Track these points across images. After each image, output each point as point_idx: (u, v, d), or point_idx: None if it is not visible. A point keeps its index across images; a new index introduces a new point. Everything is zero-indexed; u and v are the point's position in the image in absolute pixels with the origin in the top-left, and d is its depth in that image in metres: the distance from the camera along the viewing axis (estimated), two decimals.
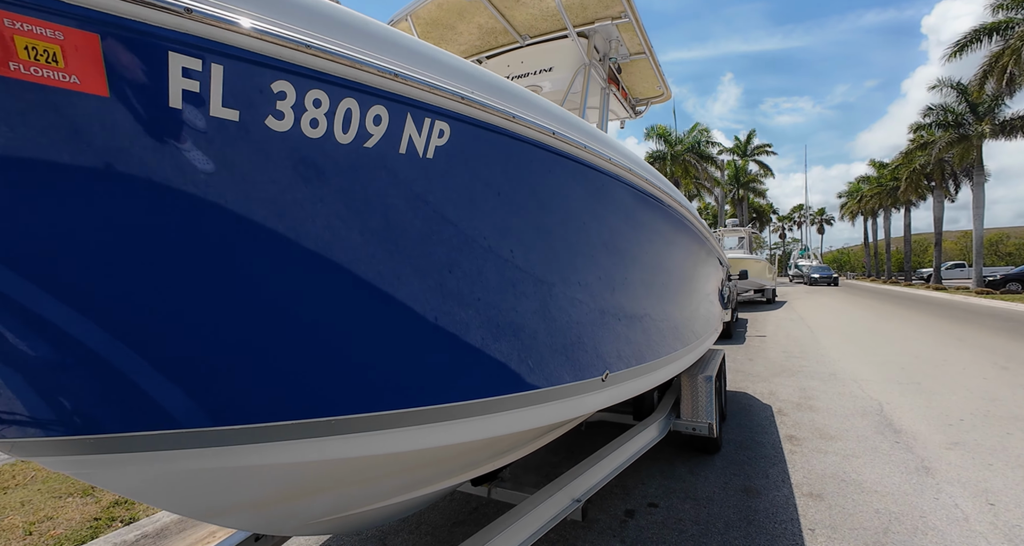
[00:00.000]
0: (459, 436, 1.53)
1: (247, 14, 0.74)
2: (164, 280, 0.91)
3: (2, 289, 0.84)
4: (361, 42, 0.89)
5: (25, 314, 0.88)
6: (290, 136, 0.83)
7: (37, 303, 0.88)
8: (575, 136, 1.37)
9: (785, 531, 2.61)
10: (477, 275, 1.32)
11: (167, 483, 1.18)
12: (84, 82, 0.65)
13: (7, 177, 0.67)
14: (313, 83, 0.81)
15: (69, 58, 0.63)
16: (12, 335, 0.88)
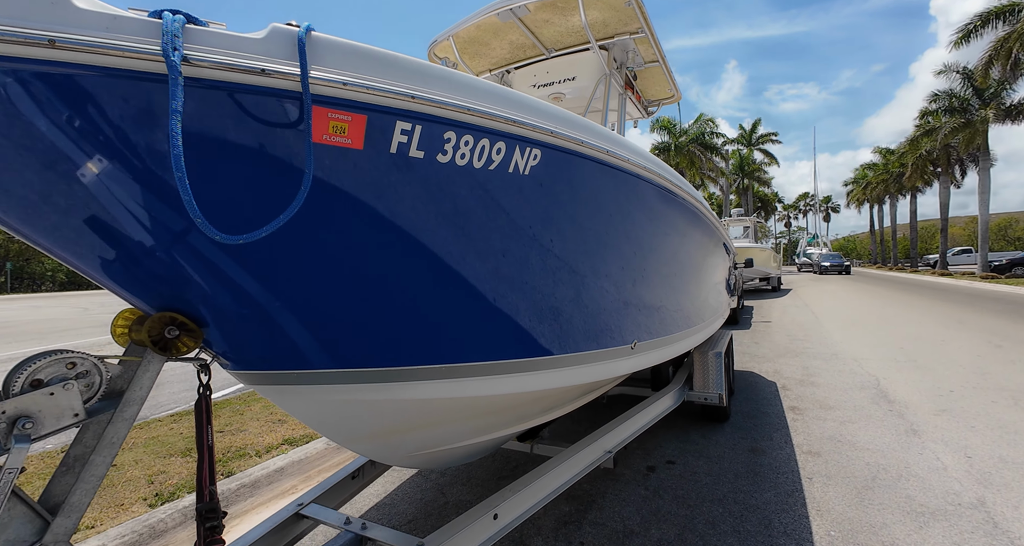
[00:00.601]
0: (524, 386, 1.95)
1: (436, 94, 1.16)
2: (375, 272, 1.34)
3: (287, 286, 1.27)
4: (494, 101, 1.30)
5: (284, 303, 1.31)
6: (449, 165, 1.26)
7: (300, 297, 1.31)
8: (622, 151, 1.79)
9: (786, 480, 3.02)
10: (541, 260, 1.73)
11: (328, 412, 1.61)
12: (353, 142, 1.07)
13: (324, 206, 1.12)
14: (466, 131, 1.22)
15: (350, 130, 1.05)
16: (262, 314, 1.31)
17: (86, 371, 1.15)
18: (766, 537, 2.41)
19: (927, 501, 2.69)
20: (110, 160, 0.95)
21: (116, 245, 1.10)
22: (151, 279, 1.19)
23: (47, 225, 1.04)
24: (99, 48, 0.83)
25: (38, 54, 0.81)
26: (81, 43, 0.82)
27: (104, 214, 1.03)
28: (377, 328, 1.52)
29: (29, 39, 0.79)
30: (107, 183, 0.98)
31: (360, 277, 1.35)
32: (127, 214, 1.03)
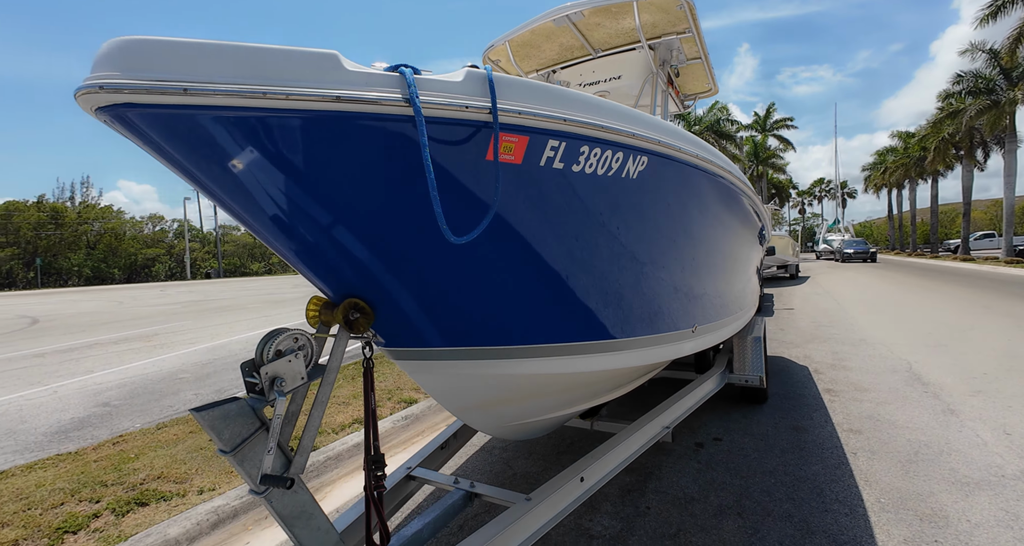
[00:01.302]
0: (608, 364, 2.17)
1: (580, 116, 1.37)
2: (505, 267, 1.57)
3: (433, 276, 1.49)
4: (619, 119, 1.49)
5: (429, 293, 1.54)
6: (580, 173, 1.47)
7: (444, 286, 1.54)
8: (708, 155, 2.00)
9: (831, 455, 3.22)
10: (637, 254, 1.94)
11: (450, 384, 1.85)
12: (515, 158, 1.28)
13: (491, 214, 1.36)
14: (597, 144, 1.43)
15: (515, 148, 1.26)
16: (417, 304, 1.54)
17: (303, 345, 1.39)
18: (819, 503, 2.62)
19: (971, 473, 2.88)
20: (363, 186, 1.18)
21: (336, 250, 1.32)
22: (347, 276, 1.42)
23: (298, 239, 1.28)
24: (365, 101, 1.05)
25: (329, 107, 1.03)
26: (355, 98, 1.04)
27: (340, 230, 1.26)
28: (497, 315, 1.74)
29: (322, 97, 1.01)
30: (355, 205, 1.21)
31: (497, 273, 1.56)
32: (358, 229, 1.26)
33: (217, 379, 5.89)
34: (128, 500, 2.65)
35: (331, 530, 1.48)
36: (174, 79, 0.93)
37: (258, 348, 1.31)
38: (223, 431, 1.22)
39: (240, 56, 0.98)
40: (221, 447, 1.24)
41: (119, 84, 0.91)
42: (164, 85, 0.92)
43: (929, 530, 2.34)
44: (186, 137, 1.01)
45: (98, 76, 0.93)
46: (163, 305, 17.02)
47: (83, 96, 0.95)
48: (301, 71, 1.02)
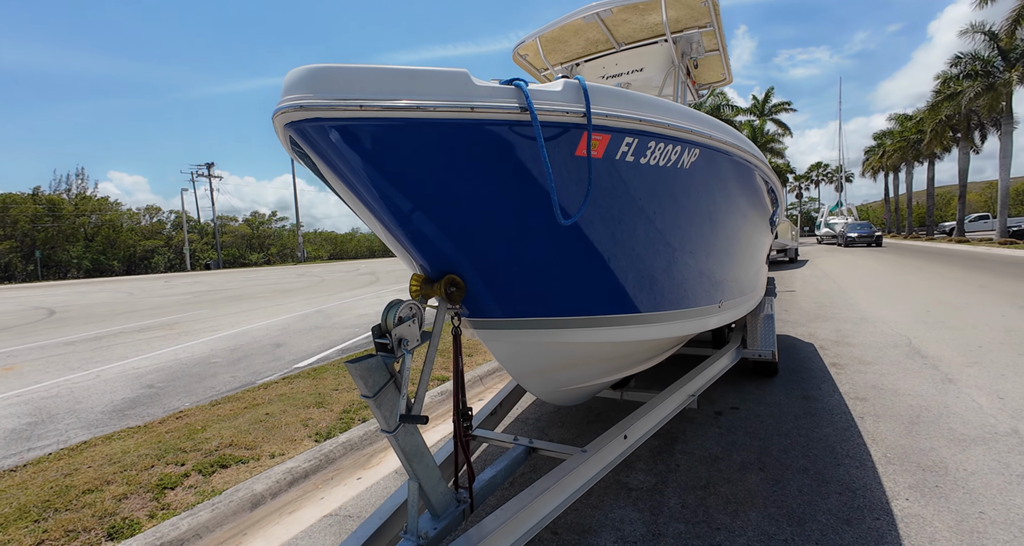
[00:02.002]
0: (647, 334, 2.43)
1: (651, 116, 1.60)
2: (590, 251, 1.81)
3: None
4: (679, 117, 1.72)
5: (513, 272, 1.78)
6: (646, 165, 1.70)
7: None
8: (746, 146, 2.23)
9: (840, 419, 3.53)
10: (683, 234, 2.19)
11: (516, 351, 2.11)
12: (598, 154, 1.52)
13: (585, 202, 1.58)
14: (661, 140, 1.67)
15: (598, 145, 1.49)
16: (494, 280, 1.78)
17: (415, 313, 1.64)
18: (832, 459, 2.93)
19: (967, 432, 3.19)
20: (483, 179, 1.41)
21: (447, 234, 1.56)
22: (450, 256, 1.66)
23: (417, 226, 1.52)
24: (493, 109, 1.29)
25: (464, 115, 1.26)
26: (489, 107, 1.27)
27: (456, 216, 1.50)
28: (561, 289, 1.99)
29: (461, 108, 1.24)
30: (472, 195, 1.45)
31: (570, 252, 1.81)
32: (471, 215, 1.50)
33: (249, 363, 6.15)
34: (210, 463, 2.93)
35: (436, 467, 1.76)
36: (352, 98, 1.16)
37: (383, 315, 1.56)
38: (368, 379, 1.48)
39: (398, 76, 1.20)
40: (365, 393, 1.49)
41: (314, 103, 1.14)
42: (345, 103, 1.15)
43: (931, 477, 2.64)
44: (357, 144, 1.24)
45: (293, 98, 1.16)
46: (174, 295, 17.22)
47: (282, 115, 1.18)
48: (442, 87, 1.24)
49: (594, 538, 2.28)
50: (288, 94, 1.18)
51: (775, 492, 2.58)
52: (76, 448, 3.35)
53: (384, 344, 1.55)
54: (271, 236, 62.70)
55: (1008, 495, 2.43)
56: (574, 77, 1.47)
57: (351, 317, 9.80)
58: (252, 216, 63.25)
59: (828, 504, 2.44)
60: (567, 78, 1.46)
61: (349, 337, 7.61)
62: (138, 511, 2.47)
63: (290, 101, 1.16)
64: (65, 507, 2.51)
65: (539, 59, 4.09)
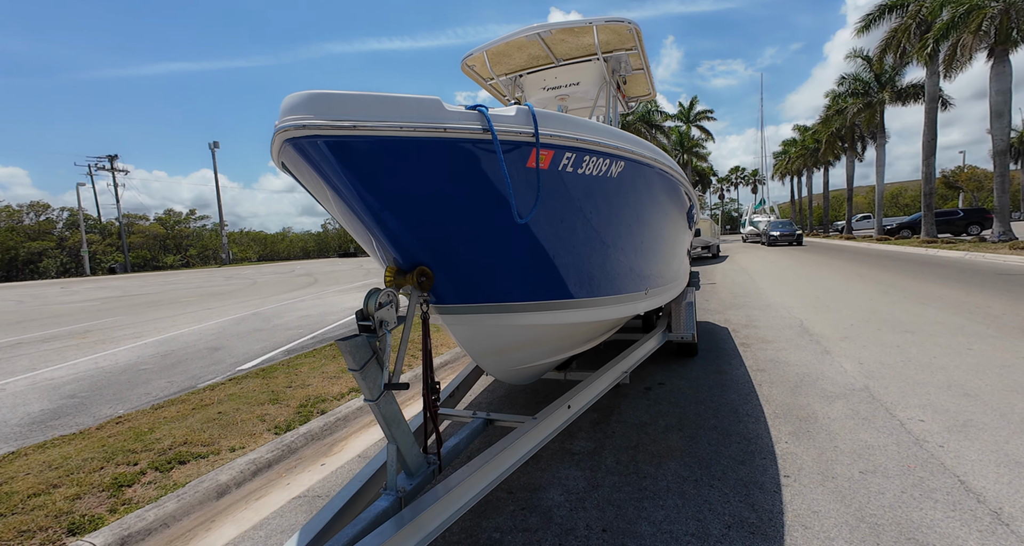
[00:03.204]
0: (588, 317, 2.85)
1: (586, 135, 1.97)
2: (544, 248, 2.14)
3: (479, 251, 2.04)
4: (608, 136, 2.11)
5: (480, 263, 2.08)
6: (582, 175, 2.08)
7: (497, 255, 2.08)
8: (661, 158, 2.71)
9: (743, 387, 4.21)
10: (608, 232, 2.61)
11: (475, 333, 2.42)
12: (544, 165, 1.86)
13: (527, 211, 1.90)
14: (595, 155, 2.05)
15: (544, 159, 1.83)
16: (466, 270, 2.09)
17: (391, 299, 1.89)
18: (735, 417, 3.54)
19: (833, 390, 3.97)
20: (452, 187, 1.70)
21: (420, 232, 1.83)
22: (421, 251, 1.93)
23: (395, 226, 1.77)
24: (461, 130, 1.58)
25: (438, 135, 1.55)
26: (458, 128, 1.56)
27: (429, 216, 1.77)
28: (514, 278, 2.34)
29: (433, 129, 1.53)
30: (443, 200, 1.73)
31: (521, 246, 2.15)
32: (440, 216, 1.79)
33: (185, 368, 5.90)
34: (167, 460, 2.94)
35: (411, 433, 2.03)
36: (346, 118, 1.41)
37: (365, 301, 1.80)
38: (355, 354, 1.72)
39: (384, 102, 1.47)
40: (352, 366, 1.73)
41: (314, 123, 1.38)
42: (342, 123, 1.40)
43: (804, 425, 3.32)
44: (349, 157, 1.48)
45: (295, 118, 1.39)
46: (77, 302, 15.47)
47: (282, 133, 1.40)
48: (420, 111, 1.53)
49: (543, 493, 2.66)
50: (289, 114, 1.41)
51: (690, 446, 3.11)
52: (2, 459, 3.18)
53: (367, 326, 1.80)
54: (189, 236, 57.42)
55: (855, 432, 3.14)
56: (524, 103, 1.80)
57: (293, 318, 9.52)
58: (166, 214, 57.51)
59: (729, 451, 3.01)
60: (519, 103, 1.80)
61: (294, 338, 7.47)
62: (97, 508, 2.48)
63: (292, 121, 1.39)
64: (11, 511, 2.45)
65: (485, 70, 4.42)
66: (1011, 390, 3.70)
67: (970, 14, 16.42)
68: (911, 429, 3.12)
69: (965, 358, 4.58)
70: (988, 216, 26.62)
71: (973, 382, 3.92)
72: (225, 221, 53.22)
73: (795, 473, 2.69)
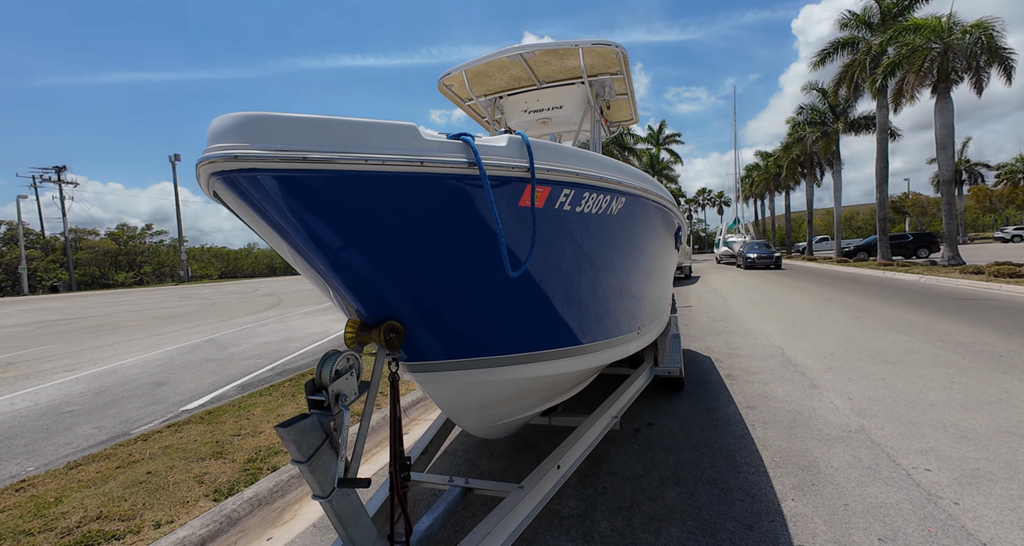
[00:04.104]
0: (577, 365, 2.55)
1: (587, 170, 1.69)
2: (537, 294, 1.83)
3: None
4: (612, 170, 1.85)
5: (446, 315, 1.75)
6: (581, 213, 1.80)
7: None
8: (660, 191, 2.47)
9: (737, 429, 3.98)
10: (603, 274, 2.33)
11: (454, 392, 2.07)
12: (539, 204, 1.56)
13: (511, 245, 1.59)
14: (596, 191, 1.78)
15: (540, 197, 1.54)
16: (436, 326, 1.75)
17: (353, 364, 1.52)
18: (733, 467, 3.28)
19: (830, 432, 3.78)
20: (434, 231, 1.38)
21: (389, 281, 1.49)
22: (391, 303, 1.59)
23: (358, 273, 1.42)
24: (442, 164, 1.27)
25: (414, 169, 1.23)
26: (439, 162, 1.25)
27: (401, 266, 1.44)
28: (501, 330, 2.01)
29: (410, 162, 1.21)
30: (419, 246, 1.40)
31: (511, 296, 1.84)
32: (416, 265, 1.45)
33: (120, 408, 5.22)
34: (68, 545, 2.40)
35: (372, 527, 1.63)
36: (294, 148, 1.07)
37: (318, 369, 1.44)
38: (302, 443, 1.34)
39: (344, 128, 1.15)
40: (298, 458, 1.35)
41: (250, 154, 1.04)
42: (287, 154, 1.06)
43: (808, 477, 3.08)
44: (298, 196, 1.14)
45: (224, 147, 1.04)
46: (4, 327, 14.03)
47: (208, 164, 1.05)
48: (391, 140, 1.21)
49: None
50: (216, 142, 1.06)
51: (690, 506, 2.81)
52: None
53: (319, 401, 1.43)
54: (145, 252, 54.27)
55: (863, 485, 2.92)
56: (516, 132, 1.52)
57: (251, 346, 8.81)
58: (119, 229, 54.24)
59: (733, 511, 2.72)
60: (500, 126, 1.52)
61: (251, 370, 6.82)
62: None
63: (220, 150, 1.05)
64: None
65: (464, 90, 4.17)
66: (1006, 431, 3.60)
67: (914, 53, 17.67)
68: (920, 481, 2.93)
69: (951, 393, 4.52)
70: (935, 240, 28.38)
71: (967, 422, 3.82)
72: (185, 236, 50.78)
73: (809, 541, 2.42)
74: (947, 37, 17.19)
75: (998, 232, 46.20)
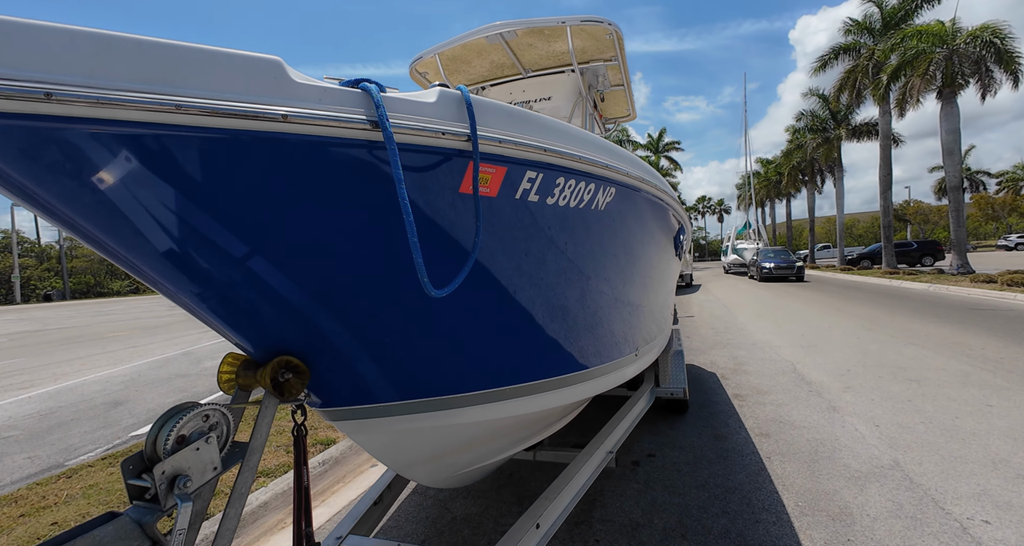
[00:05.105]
0: (563, 399, 2.06)
1: (561, 146, 1.23)
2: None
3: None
4: (595, 150, 1.38)
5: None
6: (554, 206, 1.32)
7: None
8: (655, 181, 1.99)
9: (751, 462, 3.47)
10: (590, 285, 1.85)
11: (395, 441, 1.59)
12: (491, 191, 1.09)
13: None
14: (572, 176, 1.31)
15: (491, 180, 1.06)
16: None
17: (215, 423, 1.04)
18: (750, 514, 2.77)
19: (859, 468, 3.27)
20: (313, 222, 0.90)
21: (268, 298, 1.02)
22: (280, 328, 1.11)
23: (214, 285, 0.95)
24: (321, 121, 0.79)
25: (270, 127, 0.75)
26: (309, 117, 0.78)
27: (276, 274, 0.96)
28: (455, 361, 1.53)
29: (264, 115, 0.74)
30: (301, 243, 0.93)
31: (463, 317, 1.36)
32: (300, 272, 0.97)
33: (64, 433, 4.71)
34: None
35: None
36: (34, 79, 0.60)
37: (150, 436, 0.95)
38: None
39: (144, 54, 0.67)
40: None
41: None
42: (19, 87, 0.59)
43: (842, 530, 2.57)
44: (46, 159, 0.67)
45: None
46: None
47: None
48: (232, 80, 0.74)
49: None
50: None
51: None
52: None
53: (141, 488, 0.94)
54: None
55: (909, 541, 2.41)
56: (456, 87, 1.05)
57: None
58: None
59: None
60: (446, 86, 1.04)
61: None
62: None
63: None
64: None
65: (440, 78, 3.72)
66: None
67: (917, 58, 17.36)
68: (980, 539, 2.42)
69: (991, 419, 4.01)
70: (939, 248, 27.96)
71: (1019, 457, 3.31)
72: None
73: None
74: (952, 42, 16.90)
75: (1001, 240, 45.79)
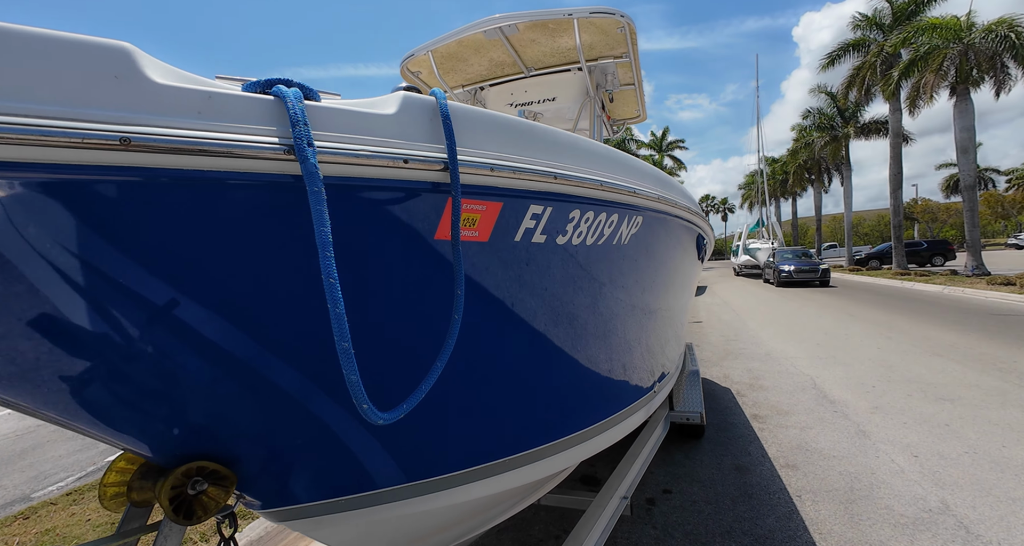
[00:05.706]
0: (578, 456, 1.74)
1: (575, 170, 0.89)
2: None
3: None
4: (618, 170, 1.05)
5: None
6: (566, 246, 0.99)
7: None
8: (688, 203, 1.66)
9: (779, 500, 3.12)
10: (613, 325, 1.52)
11: (361, 535, 1.26)
12: (480, 235, 0.75)
13: None
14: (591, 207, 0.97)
15: (480, 221, 0.73)
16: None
17: None
18: None
19: (903, 510, 2.92)
20: (192, 288, 0.59)
21: (149, 385, 0.70)
22: (183, 420, 0.79)
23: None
24: (198, 146, 0.46)
25: (105, 160, 0.43)
26: (173, 140, 0.45)
27: (144, 349, 0.65)
28: (438, 439, 1.20)
29: (95, 139, 0.42)
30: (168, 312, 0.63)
31: (443, 387, 1.03)
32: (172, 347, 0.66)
33: (39, 457, 4.41)
34: None
35: None
36: None
37: None
38: None
39: None
40: None
41: None
42: None
43: None
44: None
45: None
46: None
47: None
48: (56, 80, 0.42)
49: None
50: None
51: None
52: None
53: None
54: None
55: None
56: (430, 91, 0.72)
57: None
58: None
59: None
60: (412, 91, 0.71)
61: None
62: None
63: None
64: None
65: (434, 78, 3.38)
66: None
67: (930, 54, 16.89)
68: None
69: None
70: (950, 247, 27.43)
71: None
72: None
73: None
74: (966, 36, 16.41)
75: (1011, 238, 45.10)
